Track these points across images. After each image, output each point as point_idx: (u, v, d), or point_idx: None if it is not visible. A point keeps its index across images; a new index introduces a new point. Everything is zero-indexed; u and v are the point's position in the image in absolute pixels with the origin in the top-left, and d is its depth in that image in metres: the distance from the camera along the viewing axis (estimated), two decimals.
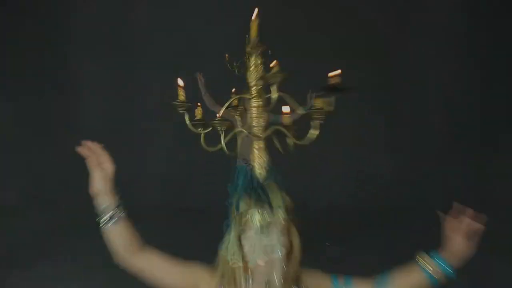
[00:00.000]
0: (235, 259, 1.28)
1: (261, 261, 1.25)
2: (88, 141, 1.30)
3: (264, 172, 1.37)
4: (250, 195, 1.27)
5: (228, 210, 1.31)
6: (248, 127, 1.40)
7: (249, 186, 1.29)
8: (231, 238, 1.30)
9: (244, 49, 1.38)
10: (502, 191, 6.21)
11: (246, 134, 1.40)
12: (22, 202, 6.49)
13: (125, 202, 1.30)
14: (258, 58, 1.36)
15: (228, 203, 1.32)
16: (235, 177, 1.32)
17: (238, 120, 1.56)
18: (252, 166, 1.38)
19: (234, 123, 1.52)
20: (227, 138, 1.43)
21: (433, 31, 6.90)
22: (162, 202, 6.38)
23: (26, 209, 6.23)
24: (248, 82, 1.39)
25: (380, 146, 6.90)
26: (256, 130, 1.38)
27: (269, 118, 1.42)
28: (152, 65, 6.89)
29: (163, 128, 6.72)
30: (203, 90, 4.19)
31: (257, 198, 1.26)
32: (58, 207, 6.21)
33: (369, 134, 6.85)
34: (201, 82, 4.19)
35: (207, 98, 4.14)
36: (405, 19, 6.89)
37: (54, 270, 4.23)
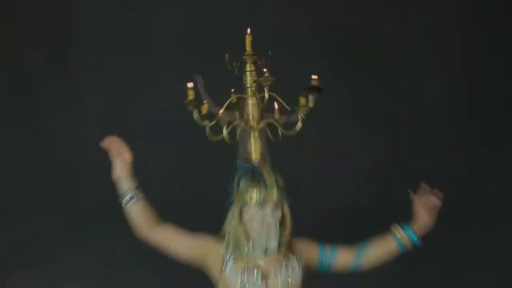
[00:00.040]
0: (238, 229, 1.51)
1: (258, 230, 1.48)
2: (109, 136, 1.59)
3: (259, 157, 1.62)
4: (248, 176, 1.54)
5: (229, 196, 1.56)
6: (245, 121, 1.71)
7: (248, 169, 1.56)
8: (234, 212, 1.54)
9: (244, 49, 1.66)
10: (502, 191, 6.20)
11: (244, 127, 1.68)
12: (22, 202, 6.49)
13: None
14: (252, 65, 1.71)
15: (228, 203, 1.57)
16: (234, 174, 1.56)
17: (237, 115, 1.81)
18: (252, 166, 1.60)
19: (234, 118, 1.80)
20: (229, 129, 1.71)
21: (433, 31, 6.90)
22: (162, 202, 6.35)
23: (26, 209, 6.22)
24: (244, 84, 1.77)
25: (380, 146, 6.89)
26: (252, 123, 1.69)
27: (262, 113, 1.71)
28: (152, 65, 6.89)
29: (163, 128, 6.71)
30: (203, 92, 4.20)
31: (254, 178, 1.53)
32: (58, 207, 6.20)
33: (369, 134, 6.84)
34: (200, 84, 4.20)
35: (207, 100, 4.14)
36: (405, 19, 6.89)
37: (54, 270, 4.22)
